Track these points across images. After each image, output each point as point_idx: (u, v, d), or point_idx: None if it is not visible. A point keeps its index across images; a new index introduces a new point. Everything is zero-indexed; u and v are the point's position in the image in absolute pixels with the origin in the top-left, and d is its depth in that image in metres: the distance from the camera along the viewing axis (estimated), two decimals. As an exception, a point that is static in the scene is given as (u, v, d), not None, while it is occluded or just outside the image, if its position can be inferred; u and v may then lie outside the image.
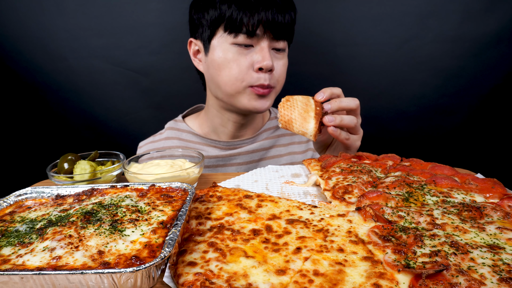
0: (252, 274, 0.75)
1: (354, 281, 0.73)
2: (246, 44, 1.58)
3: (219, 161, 1.87)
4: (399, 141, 2.62)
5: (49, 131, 2.66)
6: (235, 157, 1.88)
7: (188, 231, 0.93)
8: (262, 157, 1.90)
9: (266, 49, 1.58)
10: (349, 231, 0.91)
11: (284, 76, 1.73)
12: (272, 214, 1.00)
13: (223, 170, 1.88)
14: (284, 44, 1.66)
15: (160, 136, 1.98)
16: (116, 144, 2.68)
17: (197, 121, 1.99)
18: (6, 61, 2.44)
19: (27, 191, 1.12)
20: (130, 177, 1.25)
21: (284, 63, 1.70)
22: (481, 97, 2.46)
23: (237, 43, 1.58)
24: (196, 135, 1.91)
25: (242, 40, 1.56)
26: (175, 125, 1.98)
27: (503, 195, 1.06)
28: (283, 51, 1.68)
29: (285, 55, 1.71)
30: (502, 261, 0.76)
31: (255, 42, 1.59)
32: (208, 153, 1.87)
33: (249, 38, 1.56)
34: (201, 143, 1.90)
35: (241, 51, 1.59)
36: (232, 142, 1.88)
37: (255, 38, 1.57)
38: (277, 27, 1.56)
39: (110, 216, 0.92)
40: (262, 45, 1.58)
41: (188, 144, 1.91)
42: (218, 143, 1.88)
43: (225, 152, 1.87)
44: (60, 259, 0.76)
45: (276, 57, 1.65)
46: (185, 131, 1.94)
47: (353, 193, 1.10)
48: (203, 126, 1.95)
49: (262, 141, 1.91)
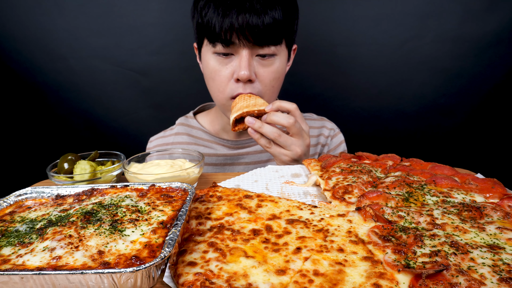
0: (252, 274, 0.75)
1: (354, 281, 0.73)
2: (225, 53, 1.51)
3: (227, 159, 1.87)
4: (399, 141, 2.62)
5: (49, 131, 2.66)
6: (244, 157, 1.87)
7: (188, 231, 0.93)
8: (270, 157, 1.88)
9: (245, 58, 1.47)
10: (349, 231, 0.91)
11: (275, 84, 1.61)
12: (272, 214, 1.00)
13: (231, 169, 1.87)
14: (273, 49, 1.52)
15: (170, 131, 1.98)
16: (116, 144, 2.68)
17: (207, 118, 1.98)
18: (6, 61, 2.45)
19: (27, 191, 1.12)
20: (130, 177, 1.25)
21: (274, 69, 1.56)
22: (481, 97, 2.46)
23: (217, 52, 1.52)
24: (206, 132, 1.90)
25: (220, 49, 1.50)
26: (185, 121, 1.98)
27: (503, 195, 1.06)
28: (271, 57, 1.54)
29: (277, 59, 1.56)
30: (502, 261, 0.76)
31: (234, 51, 1.50)
32: (217, 151, 1.86)
33: (227, 47, 1.48)
34: (211, 141, 1.89)
35: (221, 61, 1.53)
36: (240, 141, 1.88)
37: (233, 46, 1.47)
38: (254, 32, 1.42)
39: (110, 216, 0.92)
40: (242, 53, 1.48)
41: (198, 140, 1.90)
42: (227, 142, 1.87)
43: (234, 151, 1.87)
44: (60, 259, 0.76)
45: (262, 64, 1.53)
46: (195, 128, 1.93)
47: (353, 193, 1.10)
48: (213, 123, 1.94)
49: None
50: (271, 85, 1.59)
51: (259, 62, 1.53)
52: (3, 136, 2.61)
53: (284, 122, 1.40)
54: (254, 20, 1.41)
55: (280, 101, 1.45)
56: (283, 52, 1.59)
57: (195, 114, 2.03)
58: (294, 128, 1.42)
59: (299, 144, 1.44)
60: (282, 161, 1.48)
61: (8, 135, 2.62)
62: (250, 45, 1.46)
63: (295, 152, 1.44)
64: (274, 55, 1.55)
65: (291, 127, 1.41)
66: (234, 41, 1.45)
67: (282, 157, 1.47)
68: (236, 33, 1.43)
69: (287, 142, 1.43)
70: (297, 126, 1.42)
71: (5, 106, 2.56)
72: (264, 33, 1.44)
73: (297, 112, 1.45)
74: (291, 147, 1.44)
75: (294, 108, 1.45)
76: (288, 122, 1.40)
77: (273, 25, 1.45)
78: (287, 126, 1.41)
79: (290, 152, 1.45)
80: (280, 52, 1.57)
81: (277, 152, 1.46)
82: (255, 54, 1.51)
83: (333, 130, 1.98)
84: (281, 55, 1.58)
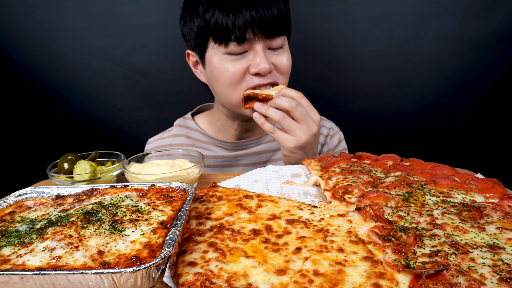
0: (252, 274, 0.75)
1: (354, 281, 0.73)
2: (239, 52, 1.51)
3: (226, 161, 1.86)
4: (399, 141, 2.62)
5: (49, 131, 2.66)
6: (242, 158, 1.87)
7: (188, 231, 0.93)
8: (269, 159, 1.88)
9: (261, 52, 1.50)
10: (349, 231, 0.91)
11: (287, 73, 1.66)
12: (272, 214, 1.00)
13: (230, 171, 1.87)
14: (282, 40, 1.57)
15: (168, 133, 1.98)
16: (116, 144, 2.68)
17: (206, 120, 1.98)
18: (6, 61, 2.45)
19: (27, 191, 1.12)
20: (130, 177, 1.25)
21: (286, 57, 1.61)
22: (481, 97, 2.46)
23: (230, 53, 1.52)
24: (204, 134, 1.90)
25: (234, 49, 1.50)
26: (184, 123, 1.97)
27: (503, 195, 1.06)
28: (280, 48, 1.59)
29: (285, 50, 1.62)
30: (502, 261, 0.76)
31: (248, 47, 1.51)
32: (215, 153, 1.86)
33: (241, 44, 1.49)
34: (209, 142, 1.89)
35: (234, 59, 1.53)
36: (239, 143, 1.87)
37: (247, 43, 1.49)
38: (267, 25, 1.47)
39: (110, 216, 0.92)
40: (257, 48, 1.50)
41: (196, 142, 1.90)
42: (225, 144, 1.87)
43: (232, 153, 1.86)
44: (60, 259, 0.76)
45: (276, 55, 1.58)
46: (193, 129, 1.93)
47: (353, 193, 1.10)
48: (211, 125, 1.94)
49: (268, 143, 1.89)
50: (287, 73, 1.65)
51: (272, 54, 1.58)
52: (3, 136, 2.61)
53: (285, 105, 1.43)
54: (266, 13, 1.46)
55: (286, 88, 1.49)
56: (286, 43, 1.66)
57: (193, 115, 2.02)
58: (296, 112, 1.42)
59: (304, 130, 1.44)
60: (286, 148, 1.48)
61: (8, 135, 2.62)
62: (263, 38, 1.51)
63: (299, 138, 1.44)
64: (282, 47, 1.61)
65: (294, 110, 1.42)
66: (249, 37, 1.48)
67: (286, 143, 1.46)
68: (251, 28, 1.46)
69: (291, 126, 1.44)
70: (299, 110, 1.43)
71: (5, 106, 2.56)
72: (276, 24, 1.50)
73: (302, 100, 1.46)
74: (295, 132, 1.44)
75: (299, 97, 1.46)
76: (290, 105, 1.42)
77: (281, 15, 1.52)
78: (289, 109, 1.42)
79: (294, 138, 1.44)
80: (285, 43, 1.64)
81: (281, 137, 1.47)
82: (267, 48, 1.56)
83: (332, 129, 1.98)
84: (286, 46, 1.65)
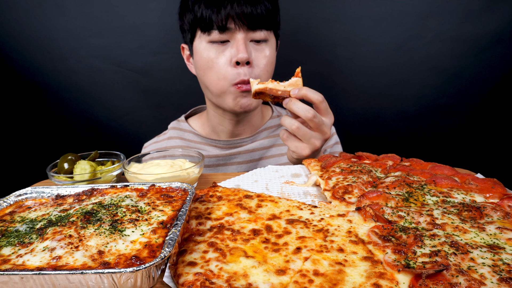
0: (252, 274, 0.75)
1: (354, 281, 0.73)
2: (221, 40, 1.58)
3: (220, 160, 1.88)
4: (399, 141, 2.62)
5: (49, 131, 2.66)
6: (235, 156, 1.88)
7: (188, 231, 0.93)
8: (262, 156, 1.90)
9: (241, 41, 1.55)
10: (349, 231, 0.91)
11: (269, 68, 1.68)
12: (272, 214, 1.00)
13: (224, 170, 1.89)
14: (265, 34, 1.62)
15: (163, 136, 2.02)
16: (116, 144, 2.68)
17: (199, 121, 2.02)
18: (6, 61, 2.44)
19: (27, 191, 1.12)
20: (130, 177, 1.25)
21: (267, 54, 1.65)
22: (481, 97, 2.46)
23: (212, 41, 1.58)
24: (198, 135, 1.93)
25: (216, 37, 1.57)
26: (177, 125, 2.01)
27: (503, 195, 1.06)
28: (264, 42, 1.64)
29: (268, 45, 1.66)
30: (502, 261, 0.76)
31: (229, 37, 1.57)
32: (209, 152, 1.88)
33: (222, 33, 1.55)
34: (202, 142, 1.92)
35: (218, 48, 1.59)
36: (232, 141, 1.89)
37: (228, 32, 1.56)
38: (249, 19, 1.54)
39: (110, 216, 0.92)
40: (237, 38, 1.56)
41: (190, 144, 1.93)
42: (218, 143, 1.89)
43: (226, 151, 1.88)
44: (60, 259, 0.76)
45: (256, 49, 1.62)
46: (187, 131, 1.96)
47: (353, 193, 1.10)
48: (204, 126, 1.98)
49: (262, 140, 1.91)
50: (266, 70, 1.66)
51: (253, 47, 1.62)
52: (3, 136, 2.60)
53: (302, 114, 1.34)
54: (249, 9, 1.53)
55: (308, 90, 1.36)
56: (272, 39, 1.70)
57: (187, 118, 2.05)
58: (312, 123, 1.36)
59: (318, 137, 1.40)
60: (300, 156, 1.44)
61: (8, 135, 2.62)
62: (245, 28, 1.56)
63: (313, 146, 1.41)
64: (266, 41, 1.64)
65: (310, 121, 1.35)
66: (229, 26, 1.54)
67: (300, 151, 1.43)
68: (232, 18, 1.53)
69: (306, 136, 1.39)
70: (316, 120, 1.35)
71: (5, 106, 2.56)
72: (257, 18, 1.55)
73: (322, 105, 1.37)
74: (310, 140, 1.40)
75: (320, 101, 1.37)
76: (306, 115, 1.33)
77: (267, 12, 1.58)
78: (305, 119, 1.36)
79: (308, 146, 1.42)
80: (271, 39, 1.67)
81: (294, 146, 1.43)
82: (250, 40, 1.60)
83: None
84: (271, 41, 1.68)
